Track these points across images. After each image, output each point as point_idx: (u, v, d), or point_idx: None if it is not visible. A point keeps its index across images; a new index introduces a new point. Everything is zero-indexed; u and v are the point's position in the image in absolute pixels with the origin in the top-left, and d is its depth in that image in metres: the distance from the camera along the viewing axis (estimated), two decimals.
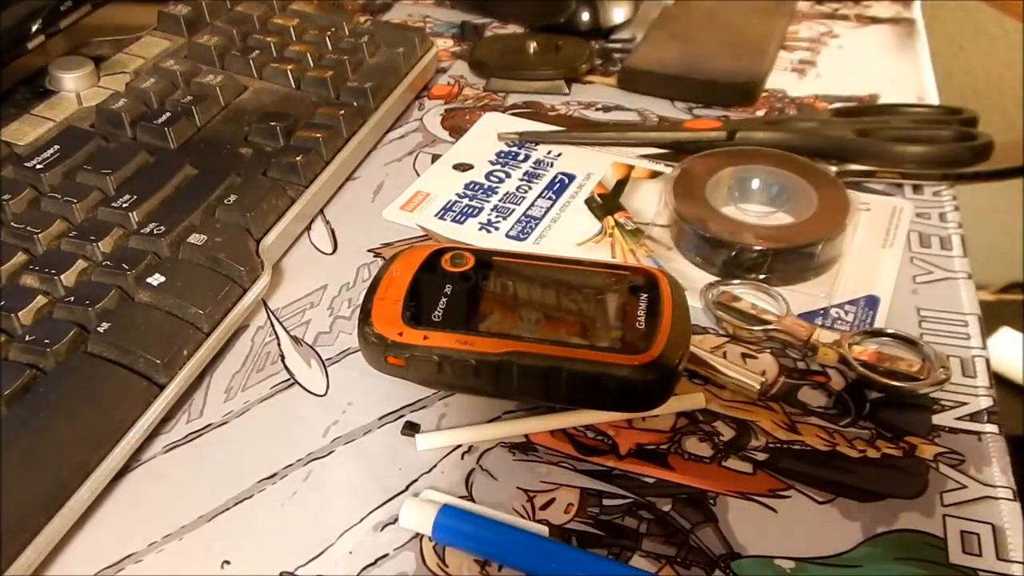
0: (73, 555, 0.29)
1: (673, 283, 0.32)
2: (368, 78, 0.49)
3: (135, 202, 0.39)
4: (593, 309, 0.31)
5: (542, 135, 0.49)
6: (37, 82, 0.48)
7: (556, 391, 0.30)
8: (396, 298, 0.31)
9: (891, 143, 0.45)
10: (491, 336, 0.30)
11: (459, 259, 0.33)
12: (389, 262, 0.33)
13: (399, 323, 0.30)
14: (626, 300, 0.31)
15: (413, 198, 0.44)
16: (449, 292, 0.32)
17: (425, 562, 0.28)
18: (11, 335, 0.33)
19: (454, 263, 0.33)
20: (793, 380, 0.34)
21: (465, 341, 0.29)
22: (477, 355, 0.29)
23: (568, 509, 0.30)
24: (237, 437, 0.33)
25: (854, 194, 0.41)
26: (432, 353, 0.29)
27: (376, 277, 0.32)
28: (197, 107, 0.45)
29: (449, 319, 0.30)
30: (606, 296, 0.32)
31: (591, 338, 0.30)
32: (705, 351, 0.34)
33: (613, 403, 0.30)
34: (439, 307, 0.31)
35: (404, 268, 0.33)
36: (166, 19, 0.53)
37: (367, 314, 0.31)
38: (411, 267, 0.33)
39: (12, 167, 0.40)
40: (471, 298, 0.32)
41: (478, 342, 0.29)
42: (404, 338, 0.30)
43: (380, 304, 0.31)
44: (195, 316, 0.34)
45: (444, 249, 0.34)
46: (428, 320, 0.30)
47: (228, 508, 0.30)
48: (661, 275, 0.32)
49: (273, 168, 0.43)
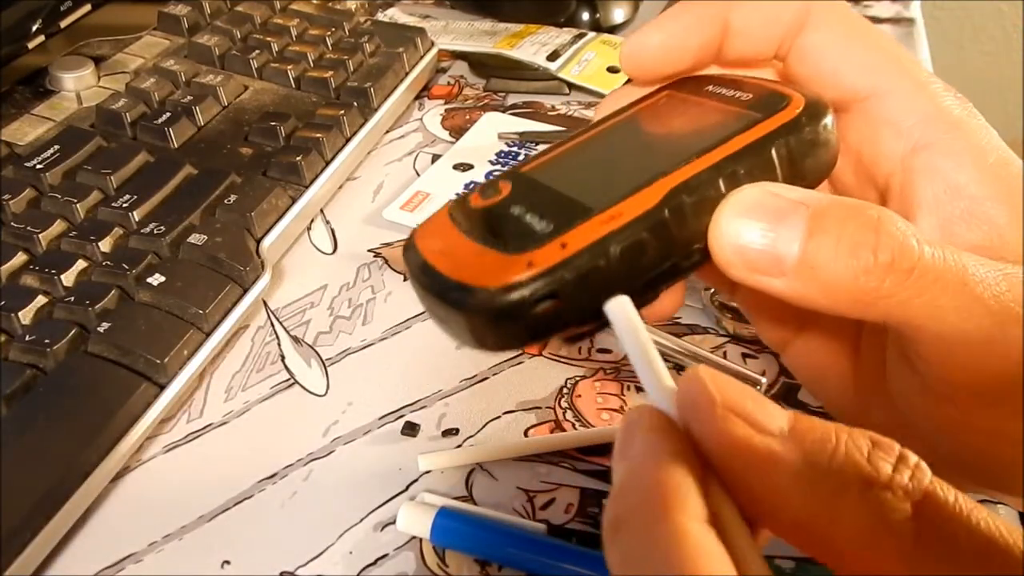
0: (73, 555, 0.29)
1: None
2: (368, 78, 0.49)
3: (135, 202, 0.39)
4: (683, 121, 0.25)
5: (542, 135, 0.49)
6: (37, 82, 0.48)
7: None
8: (473, 251, 0.22)
9: None
10: (625, 196, 0.21)
11: (491, 189, 0.24)
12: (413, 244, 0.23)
13: (511, 260, 0.20)
14: (708, 101, 0.25)
15: (413, 198, 0.44)
16: (519, 208, 0.23)
17: (425, 562, 0.28)
18: (11, 335, 0.33)
19: (487, 196, 0.24)
20: (793, 380, 0.34)
21: (608, 218, 0.21)
22: (639, 220, 0.21)
23: (568, 509, 0.30)
24: (237, 437, 0.33)
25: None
26: (583, 257, 0.20)
27: (420, 264, 0.22)
28: (197, 107, 0.45)
29: (558, 219, 0.21)
30: (685, 109, 0.25)
31: (713, 135, 0.22)
32: (705, 351, 0.34)
33: (801, 173, 0.22)
34: (530, 222, 0.22)
35: (440, 235, 0.23)
36: (166, 19, 0.53)
37: (461, 287, 0.20)
38: (447, 229, 0.23)
39: (12, 167, 0.40)
40: (551, 195, 0.23)
41: (623, 209, 0.21)
42: (537, 264, 0.20)
43: (461, 269, 0.21)
44: (195, 316, 0.34)
45: (459, 199, 0.24)
46: (540, 235, 0.21)
47: (228, 508, 0.30)
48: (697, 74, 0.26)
49: (273, 168, 0.43)
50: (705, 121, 0.24)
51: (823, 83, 0.25)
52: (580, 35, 0.57)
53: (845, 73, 0.24)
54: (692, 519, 0.16)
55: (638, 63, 0.25)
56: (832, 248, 0.19)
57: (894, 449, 0.16)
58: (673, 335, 0.35)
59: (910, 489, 0.16)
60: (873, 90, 0.24)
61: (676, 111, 0.25)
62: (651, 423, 0.17)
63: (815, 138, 0.22)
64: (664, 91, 0.26)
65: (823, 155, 0.23)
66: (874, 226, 0.19)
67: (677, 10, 0.25)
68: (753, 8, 0.25)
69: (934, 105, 0.23)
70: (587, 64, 0.54)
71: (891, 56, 0.24)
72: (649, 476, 0.16)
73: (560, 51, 0.55)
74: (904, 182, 0.24)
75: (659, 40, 0.25)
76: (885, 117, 0.24)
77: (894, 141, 0.24)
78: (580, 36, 0.57)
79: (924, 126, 0.23)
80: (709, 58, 0.26)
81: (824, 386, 0.27)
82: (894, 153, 0.24)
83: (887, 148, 0.24)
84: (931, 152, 0.23)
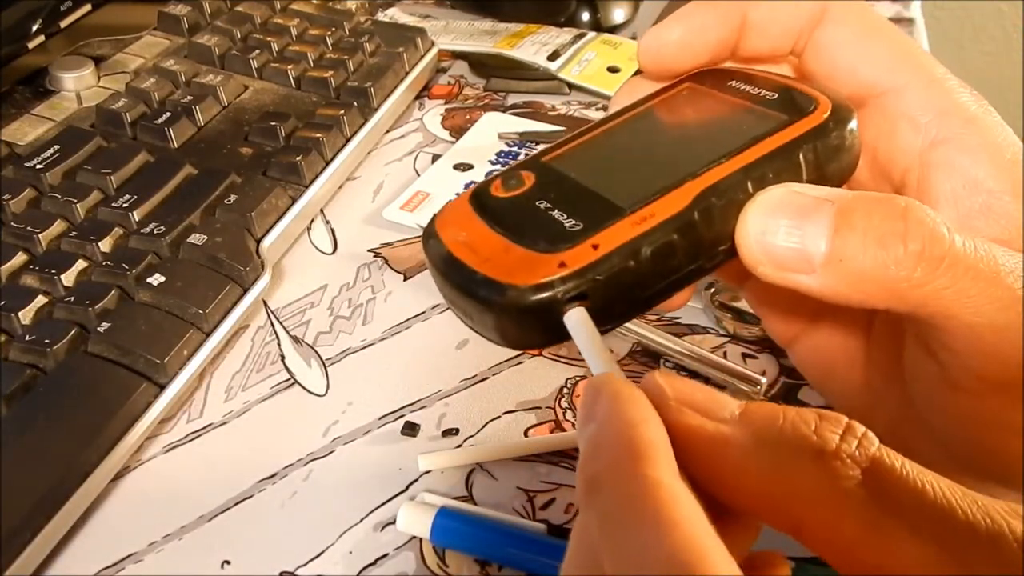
0: (73, 555, 0.29)
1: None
2: (368, 78, 0.49)
3: (135, 202, 0.39)
4: (710, 118, 0.25)
5: (542, 135, 0.49)
6: (37, 82, 0.48)
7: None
8: (500, 245, 0.21)
9: None
10: (656, 196, 0.21)
11: (513, 179, 0.24)
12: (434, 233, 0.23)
13: (542, 258, 0.20)
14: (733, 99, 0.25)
15: (413, 198, 0.44)
16: (546, 202, 0.22)
17: (425, 562, 0.28)
18: (11, 335, 0.33)
19: (510, 187, 0.23)
20: (793, 380, 0.34)
21: (640, 219, 0.21)
22: (670, 222, 0.21)
23: (568, 509, 0.30)
24: (237, 437, 0.33)
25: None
26: (615, 259, 0.20)
27: (443, 255, 0.22)
28: (197, 107, 0.45)
29: (589, 217, 0.21)
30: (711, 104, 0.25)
31: (742, 136, 0.22)
32: (705, 351, 0.34)
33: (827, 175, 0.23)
34: (559, 218, 0.22)
35: (463, 225, 0.23)
36: (166, 19, 0.53)
37: (491, 283, 0.20)
38: (471, 219, 0.23)
39: (12, 167, 0.40)
40: (578, 190, 0.23)
41: (654, 210, 0.21)
42: (569, 264, 0.20)
43: (489, 263, 0.21)
44: (195, 316, 0.34)
45: (480, 187, 0.24)
46: (571, 233, 0.21)
47: (228, 508, 0.30)
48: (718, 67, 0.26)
49: (273, 168, 0.43)
50: (732, 120, 0.24)
51: (839, 79, 0.25)
52: (580, 35, 0.57)
53: (861, 69, 0.24)
54: (667, 474, 0.16)
55: (656, 58, 0.26)
56: (860, 240, 0.19)
57: (841, 421, 0.17)
58: (673, 335, 0.35)
59: (858, 457, 0.16)
60: (890, 85, 0.24)
61: (701, 106, 0.25)
62: (616, 388, 0.18)
63: (841, 143, 0.22)
64: (685, 83, 0.26)
65: (847, 159, 0.23)
66: (902, 215, 0.20)
67: (695, 6, 0.25)
68: (771, 4, 0.25)
69: (951, 101, 0.23)
70: (587, 64, 0.54)
71: (907, 52, 0.24)
72: (621, 434, 0.17)
73: (560, 51, 0.55)
74: (921, 177, 0.24)
75: (678, 36, 0.25)
76: (902, 112, 0.24)
77: (911, 136, 0.24)
78: (580, 36, 0.57)
79: (941, 121, 0.23)
80: (725, 54, 0.26)
81: (831, 381, 0.27)
82: (911, 148, 0.24)
83: (904, 143, 0.24)
84: (949, 147, 0.23)
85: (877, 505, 0.16)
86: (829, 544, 0.17)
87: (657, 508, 0.15)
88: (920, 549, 0.16)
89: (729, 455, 0.17)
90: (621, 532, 0.16)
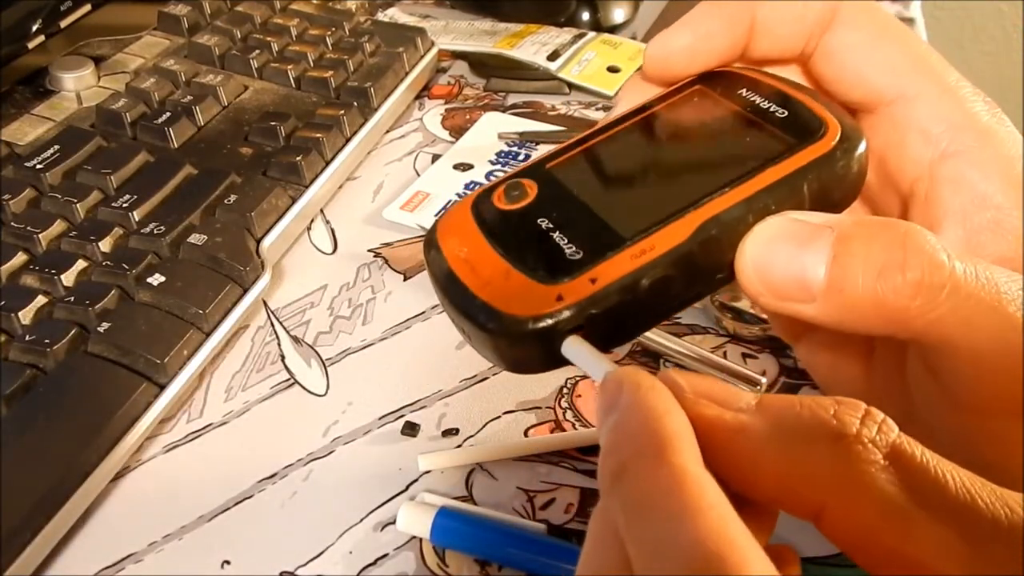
0: (73, 555, 0.29)
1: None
2: (368, 78, 0.49)
3: (135, 202, 0.39)
4: (716, 135, 0.24)
5: (542, 135, 0.49)
6: (37, 82, 0.48)
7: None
8: (500, 269, 0.22)
9: None
10: (656, 227, 0.21)
11: (516, 191, 0.24)
12: (435, 243, 0.23)
13: (540, 288, 0.21)
14: (742, 112, 0.24)
15: (413, 198, 0.44)
16: (547, 221, 0.23)
17: (425, 562, 0.28)
18: (11, 335, 0.33)
19: (512, 198, 0.24)
20: (793, 380, 0.34)
21: (639, 252, 0.21)
22: (669, 254, 0.21)
23: (568, 509, 0.30)
24: (237, 437, 0.33)
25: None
26: (612, 292, 0.21)
27: (445, 271, 0.22)
28: (197, 107, 0.45)
29: (588, 245, 0.21)
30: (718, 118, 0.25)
31: (746, 161, 0.22)
32: (705, 351, 0.34)
33: (831, 202, 0.23)
34: (559, 242, 0.22)
35: (464, 238, 0.23)
36: (166, 19, 0.53)
37: (489, 310, 0.21)
38: (472, 233, 0.23)
39: (12, 167, 0.40)
40: (580, 210, 0.23)
41: (654, 242, 0.21)
42: (567, 298, 0.20)
43: (488, 288, 0.21)
44: (195, 316, 0.34)
45: (482, 195, 0.24)
46: (569, 263, 0.21)
47: (228, 508, 0.30)
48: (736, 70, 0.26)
49: (273, 168, 0.43)
50: (739, 140, 0.24)
51: (848, 84, 0.24)
52: (580, 35, 0.57)
53: (871, 75, 0.24)
54: (692, 462, 0.16)
55: (664, 65, 0.25)
56: (859, 269, 0.19)
57: (859, 406, 0.17)
58: (673, 335, 0.35)
59: (878, 442, 0.16)
60: (900, 93, 0.24)
61: (708, 119, 0.25)
62: (638, 379, 0.18)
63: (847, 172, 0.22)
64: (695, 86, 0.26)
65: (852, 185, 0.23)
66: (901, 243, 0.19)
67: (703, 10, 0.25)
68: (780, 6, 0.24)
69: (963, 111, 0.23)
70: (587, 64, 0.54)
71: (919, 58, 0.24)
72: (646, 424, 0.17)
73: (560, 51, 0.55)
74: (930, 189, 0.24)
75: (687, 42, 0.25)
76: (913, 122, 0.24)
77: (922, 147, 0.23)
78: (580, 36, 0.57)
79: (953, 133, 0.23)
80: (734, 58, 0.25)
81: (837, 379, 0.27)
82: (921, 159, 0.24)
83: (914, 153, 0.24)
84: (959, 160, 0.23)
85: (899, 491, 0.16)
86: (848, 530, 0.17)
87: (684, 496, 0.15)
88: (940, 536, 0.15)
89: (748, 443, 0.17)
90: (648, 520, 0.16)
